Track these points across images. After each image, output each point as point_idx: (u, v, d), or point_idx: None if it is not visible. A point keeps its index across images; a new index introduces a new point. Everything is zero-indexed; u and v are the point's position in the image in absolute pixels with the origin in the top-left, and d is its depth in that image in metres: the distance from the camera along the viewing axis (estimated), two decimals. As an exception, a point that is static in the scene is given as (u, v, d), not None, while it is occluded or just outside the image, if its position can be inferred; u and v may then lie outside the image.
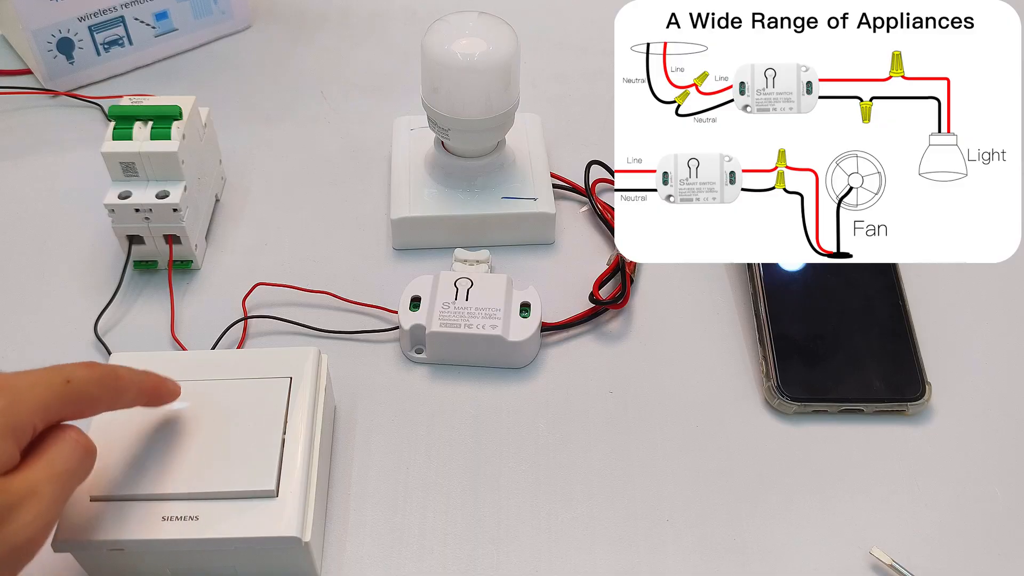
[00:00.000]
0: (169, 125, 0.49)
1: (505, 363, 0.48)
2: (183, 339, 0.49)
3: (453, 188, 0.54)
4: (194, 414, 0.39)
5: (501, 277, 0.49)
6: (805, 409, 0.46)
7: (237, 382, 0.41)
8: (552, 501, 0.43)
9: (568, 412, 0.47)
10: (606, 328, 0.51)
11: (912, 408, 0.46)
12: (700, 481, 0.44)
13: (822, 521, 0.42)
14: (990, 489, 0.44)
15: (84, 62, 0.65)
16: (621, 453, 0.45)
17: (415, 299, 0.49)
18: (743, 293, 0.52)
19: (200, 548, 0.37)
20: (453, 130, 0.51)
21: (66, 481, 0.32)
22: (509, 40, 0.49)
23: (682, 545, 0.42)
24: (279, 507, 0.37)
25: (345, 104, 0.66)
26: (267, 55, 0.70)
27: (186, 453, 0.38)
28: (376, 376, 0.48)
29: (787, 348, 0.47)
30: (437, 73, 0.49)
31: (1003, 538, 0.42)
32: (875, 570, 0.41)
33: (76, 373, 0.33)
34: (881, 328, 0.48)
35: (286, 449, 0.39)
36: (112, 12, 0.64)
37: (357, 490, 0.43)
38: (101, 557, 0.38)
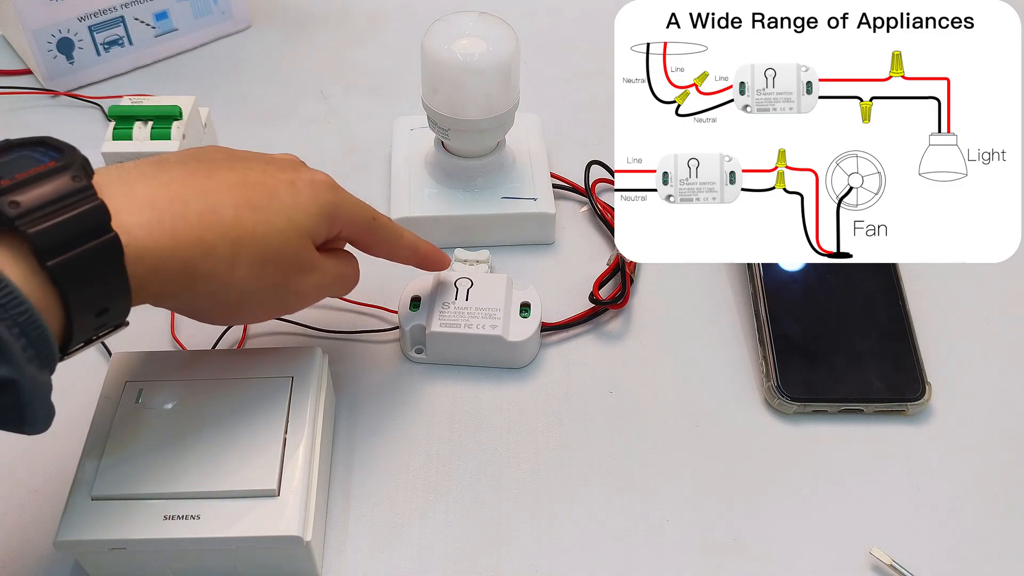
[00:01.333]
0: (169, 125, 0.49)
1: (505, 363, 0.48)
2: (183, 339, 0.49)
3: (453, 188, 0.54)
4: (195, 413, 0.39)
5: (501, 277, 0.49)
6: (805, 409, 0.46)
7: (238, 382, 0.41)
8: (552, 501, 0.43)
9: (568, 412, 0.47)
10: (606, 328, 0.51)
11: (912, 408, 0.46)
12: (700, 481, 0.44)
13: (822, 521, 0.42)
14: (990, 489, 0.44)
15: (84, 62, 0.65)
16: (621, 453, 0.45)
17: (415, 299, 0.49)
18: (743, 293, 0.52)
19: (201, 547, 0.37)
20: (453, 130, 0.51)
21: (339, 281, 0.41)
22: (509, 40, 0.49)
23: (682, 545, 0.42)
24: (280, 506, 0.37)
25: (345, 104, 0.66)
26: (267, 55, 0.70)
27: (188, 452, 0.38)
28: (376, 376, 0.48)
29: (787, 348, 0.47)
30: (437, 73, 0.49)
31: (1003, 538, 0.42)
32: (875, 570, 0.41)
33: (379, 216, 0.42)
34: (881, 328, 0.48)
35: (287, 449, 0.39)
36: (112, 12, 0.64)
37: (357, 490, 0.43)
38: (102, 556, 0.38)
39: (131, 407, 0.40)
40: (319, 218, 0.38)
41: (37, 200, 0.29)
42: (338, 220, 0.39)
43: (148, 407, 0.40)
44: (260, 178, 0.36)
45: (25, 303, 0.28)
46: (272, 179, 0.37)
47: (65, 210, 0.29)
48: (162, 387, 0.41)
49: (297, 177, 0.38)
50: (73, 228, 0.29)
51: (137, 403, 0.40)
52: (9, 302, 0.27)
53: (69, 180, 0.30)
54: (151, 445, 0.38)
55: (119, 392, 0.40)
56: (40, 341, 0.28)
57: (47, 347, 0.29)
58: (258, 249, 0.35)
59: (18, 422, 0.29)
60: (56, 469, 0.40)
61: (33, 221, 0.29)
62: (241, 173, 0.36)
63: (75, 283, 0.30)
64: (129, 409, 0.40)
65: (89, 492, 0.37)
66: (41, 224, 0.29)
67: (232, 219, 0.34)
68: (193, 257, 0.33)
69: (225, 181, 0.35)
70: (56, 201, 0.29)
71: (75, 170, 0.31)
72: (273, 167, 0.38)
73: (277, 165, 0.38)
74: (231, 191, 0.35)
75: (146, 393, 0.40)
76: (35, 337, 0.28)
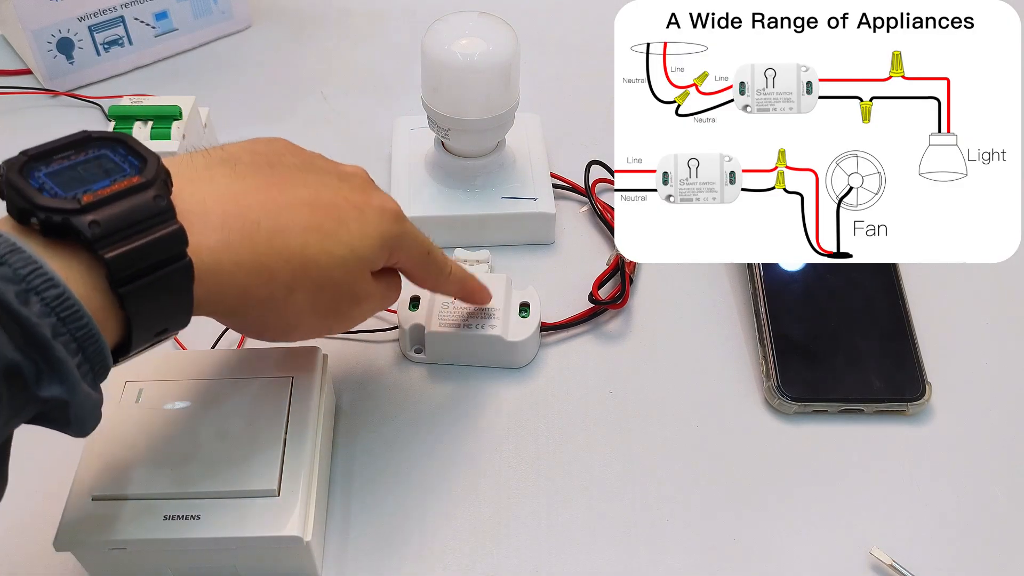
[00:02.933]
0: (169, 125, 0.49)
1: (505, 363, 0.48)
2: (183, 338, 0.49)
3: (453, 188, 0.54)
4: (195, 413, 0.39)
5: (501, 277, 0.49)
6: (805, 409, 0.46)
7: (238, 381, 0.41)
8: (552, 501, 0.43)
9: (568, 412, 0.47)
10: (605, 328, 0.51)
11: (912, 408, 0.46)
12: (700, 481, 0.44)
13: (822, 521, 0.42)
14: (990, 489, 0.44)
15: (84, 62, 0.65)
16: (621, 453, 0.45)
17: (415, 299, 0.49)
18: (743, 293, 0.52)
19: (202, 547, 0.37)
20: (453, 130, 0.51)
21: (385, 303, 0.40)
22: (509, 40, 0.49)
23: (682, 545, 0.42)
24: (281, 506, 0.37)
25: (345, 104, 0.66)
26: (267, 55, 0.70)
27: (188, 452, 0.38)
28: (376, 376, 0.48)
29: (787, 348, 0.47)
30: (437, 73, 0.49)
31: (1003, 538, 0.42)
32: (875, 570, 0.41)
33: (434, 249, 0.41)
34: (881, 328, 0.48)
35: (287, 449, 0.39)
36: (112, 12, 0.64)
37: (357, 490, 0.43)
38: (103, 556, 0.38)
39: (131, 407, 0.40)
40: (381, 251, 0.37)
41: (118, 222, 0.28)
42: (397, 252, 0.38)
43: (148, 407, 0.40)
44: (332, 199, 0.36)
45: (85, 317, 0.27)
46: (343, 201, 0.36)
47: (144, 234, 0.28)
48: (162, 387, 0.41)
49: (367, 203, 0.37)
50: (151, 254, 0.29)
51: (137, 403, 0.40)
52: (70, 315, 0.26)
53: (151, 200, 0.29)
54: (151, 445, 0.38)
55: (119, 392, 0.40)
56: (96, 356, 0.28)
57: (102, 362, 0.28)
58: (319, 278, 0.35)
59: (64, 427, 0.29)
60: (56, 469, 0.40)
61: (111, 245, 0.28)
62: (314, 191, 0.35)
63: (143, 306, 0.29)
64: (129, 409, 0.40)
65: (89, 492, 0.37)
66: (118, 248, 0.28)
67: (299, 246, 0.34)
68: (253, 284, 0.33)
69: (297, 199, 0.34)
70: (136, 224, 0.28)
71: (158, 188, 0.29)
72: (345, 187, 0.37)
73: (349, 185, 0.37)
74: (302, 212, 0.34)
75: (146, 393, 0.40)
76: (92, 352, 0.27)
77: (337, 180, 0.37)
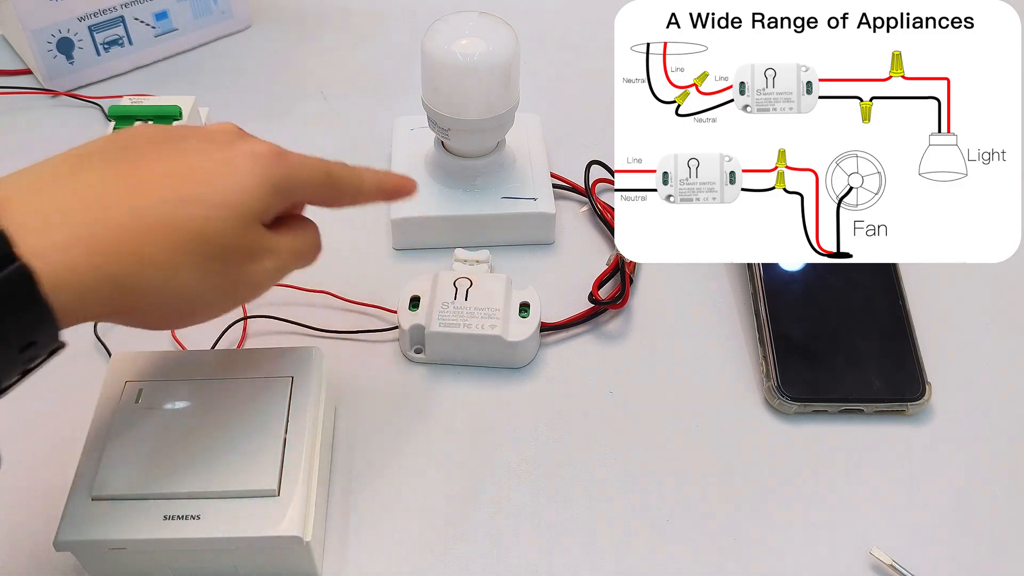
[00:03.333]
0: (169, 125, 0.49)
1: (504, 363, 0.48)
2: (182, 338, 0.49)
3: (453, 188, 0.54)
4: (195, 413, 0.39)
5: (501, 277, 0.49)
6: (805, 409, 0.46)
7: (238, 381, 0.41)
8: (552, 501, 0.43)
9: (568, 412, 0.47)
10: (605, 328, 0.51)
11: (912, 408, 0.46)
12: (700, 481, 0.44)
13: (822, 521, 0.42)
14: (990, 489, 0.44)
15: (84, 62, 0.65)
16: (621, 453, 0.45)
17: (414, 299, 0.49)
18: (743, 293, 0.52)
19: (201, 547, 0.37)
20: (453, 130, 0.51)
21: (298, 259, 0.37)
22: (509, 40, 0.49)
23: (682, 545, 0.42)
24: (280, 506, 0.37)
25: (345, 104, 0.66)
26: (267, 55, 0.70)
27: (188, 452, 0.38)
28: (376, 376, 0.48)
29: (787, 348, 0.47)
30: (437, 73, 0.49)
31: (1003, 538, 0.42)
32: (875, 570, 0.41)
33: (333, 169, 0.37)
34: (881, 328, 0.48)
35: (287, 448, 0.39)
36: (112, 12, 0.65)
37: (357, 490, 0.43)
38: (103, 556, 0.38)
39: (131, 407, 0.40)
40: (265, 197, 0.33)
41: None
42: (289, 192, 0.35)
43: (148, 407, 0.40)
44: (193, 162, 0.33)
45: None
46: (207, 161, 0.33)
47: None
48: (162, 387, 0.41)
49: (234, 153, 0.33)
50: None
51: (137, 403, 0.40)
52: None
53: None
54: (151, 445, 0.38)
55: (119, 392, 0.40)
56: None
57: None
58: (199, 248, 0.31)
59: None
60: (56, 469, 0.40)
61: None
62: (171, 160, 0.32)
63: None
64: (129, 409, 0.40)
65: (89, 492, 0.37)
66: None
67: (164, 220, 0.30)
68: (122, 272, 0.30)
69: (151, 173, 0.31)
70: None
71: None
72: (210, 146, 0.34)
73: (214, 143, 0.34)
74: (159, 185, 0.31)
75: (146, 393, 0.40)
76: None
77: (199, 142, 0.34)
